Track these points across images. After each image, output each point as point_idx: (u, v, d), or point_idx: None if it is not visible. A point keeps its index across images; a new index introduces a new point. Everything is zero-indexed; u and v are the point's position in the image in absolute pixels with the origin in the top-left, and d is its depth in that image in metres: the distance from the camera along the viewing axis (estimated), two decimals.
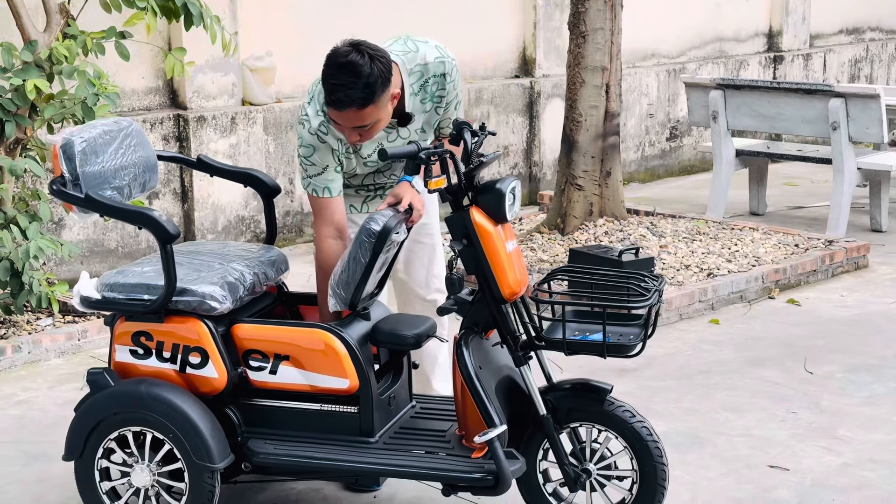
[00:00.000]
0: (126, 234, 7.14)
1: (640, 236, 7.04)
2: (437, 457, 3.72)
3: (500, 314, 3.67)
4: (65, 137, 3.82)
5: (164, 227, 3.67)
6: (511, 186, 3.61)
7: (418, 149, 3.57)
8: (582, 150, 7.09)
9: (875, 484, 4.27)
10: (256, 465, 3.80)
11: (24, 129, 5.77)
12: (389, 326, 3.86)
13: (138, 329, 3.80)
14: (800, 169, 9.83)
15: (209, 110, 7.40)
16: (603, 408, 3.71)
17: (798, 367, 5.46)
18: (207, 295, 3.71)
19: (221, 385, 3.74)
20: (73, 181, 3.80)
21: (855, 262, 7.06)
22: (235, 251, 4.11)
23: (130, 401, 3.76)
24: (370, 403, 3.75)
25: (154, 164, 4.20)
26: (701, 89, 8.32)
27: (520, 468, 3.66)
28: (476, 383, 3.60)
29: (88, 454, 3.81)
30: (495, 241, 3.60)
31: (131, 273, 3.86)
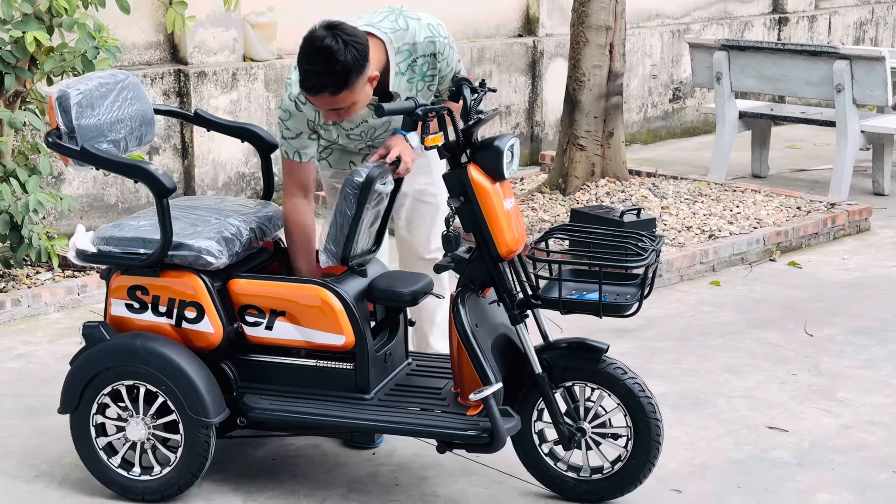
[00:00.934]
0: (126, 189, 7.11)
1: (642, 197, 7.02)
2: (432, 414, 3.72)
3: (497, 272, 3.66)
4: (61, 89, 3.79)
5: (159, 180, 3.65)
6: (509, 144, 3.59)
7: (415, 105, 3.55)
8: (584, 110, 7.05)
9: (873, 446, 4.28)
10: (252, 420, 3.80)
11: (23, 81, 5.73)
12: (386, 283, 3.85)
13: (134, 283, 3.79)
14: (802, 131, 9.79)
15: (210, 66, 7.36)
16: (596, 366, 3.71)
17: (798, 329, 5.45)
18: (203, 249, 3.71)
19: (217, 340, 3.74)
20: (68, 133, 3.78)
21: (857, 225, 7.04)
22: (232, 206, 4.09)
23: (126, 355, 3.75)
24: (366, 360, 3.75)
25: (151, 118, 4.17)
26: (705, 50, 8.27)
27: (515, 426, 3.66)
28: (472, 341, 3.60)
29: (84, 408, 3.82)
30: (493, 198, 3.58)
31: (127, 227, 3.85)
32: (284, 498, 3.88)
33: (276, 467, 4.10)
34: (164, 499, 3.82)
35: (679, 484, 3.98)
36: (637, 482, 3.77)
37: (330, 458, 4.15)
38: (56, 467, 4.10)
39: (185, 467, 3.77)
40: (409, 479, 4.02)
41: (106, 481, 3.87)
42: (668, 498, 3.89)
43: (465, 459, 4.10)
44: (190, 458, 3.75)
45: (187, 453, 3.75)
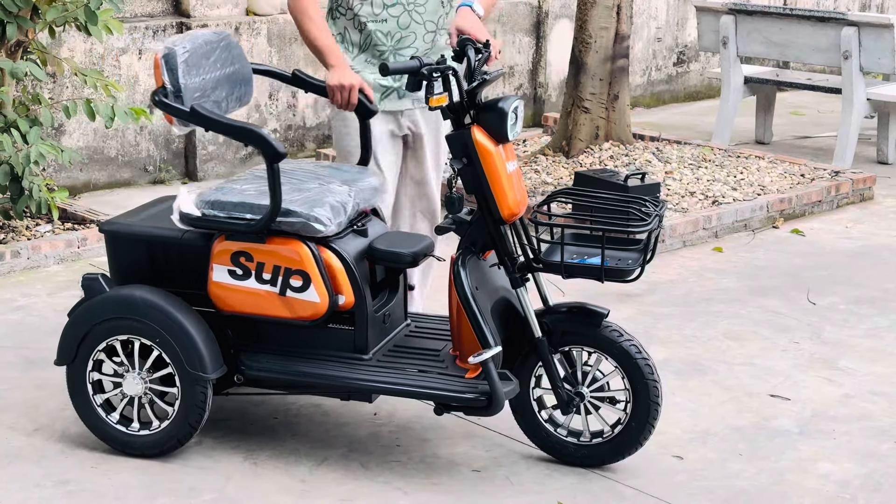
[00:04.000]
0: (126, 143, 7.06)
1: (646, 161, 6.98)
2: (430, 376, 3.71)
3: (499, 235, 3.64)
4: (167, 47, 3.70)
5: (271, 144, 3.56)
6: (514, 106, 3.57)
7: (420, 64, 3.53)
8: (590, 73, 7.00)
9: (875, 415, 4.27)
10: (249, 378, 3.78)
11: (25, 31, 5.67)
12: (387, 244, 3.82)
13: (238, 249, 3.68)
14: (806, 98, 9.73)
15: (213, 19, 7.29)
16: (593, 330, 3.69)
17: (801, 297, 5.44)
18: (312, 217, 3.62)
19: (323, 309, 3.66)
20: (174, 93, 3.69)
21: (860, 193, 7.02)
22: (332, 172, 3.97)
23: (125, 307, 3.72)
24: (365, 320, 3.72)
25: (250, 78, 4.10)
26: (712, 14, 8.20)
27: (513, 389, 3.65)
28: (472, 304, 3.58)
29: (80, 361, 3.79)
30: (496, 160, 3.56)
31: (231, 191, 3.74)
32: (285, 457, 3.88)
33: (277, 426, 4.09)
34: (164, 452, 3.82)
35: (681, 451, 3.97)
36: (637, 445, 3.76)
37: (331, 418, 4.14)
38: (56, 420, 4.09)
39: (182, 421, 3.75)
40: (410, 440, 4.02)
41: (104, 437, 3.86)
42: (669, 464, 3.89)
43: (465, 422, 4.09)
44: (188, 412, 3.74)
45: (185, 407, 3.74)
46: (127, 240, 3.88)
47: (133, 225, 3.90)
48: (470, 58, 3.61)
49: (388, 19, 4.17)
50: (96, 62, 6.82)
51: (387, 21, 4.17)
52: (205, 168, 7.31)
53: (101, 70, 6.73)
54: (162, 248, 3.83)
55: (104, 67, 6.85)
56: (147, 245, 3.85)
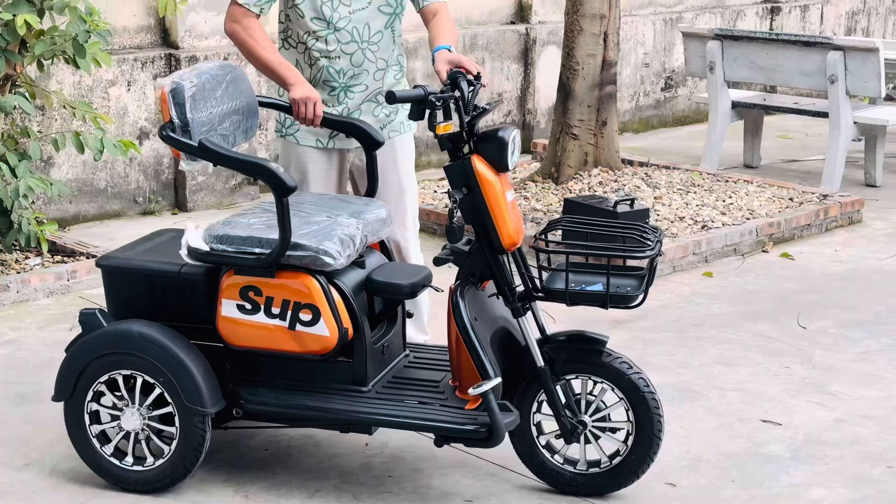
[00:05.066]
0: (115, 175, 7.06)
1: (635, 187, 7.00)
2: (430, 407, 3.69)
3: (497, 265, 3.64)
4: (174, 81, 3.69)
5: (281, 179, 3.54)
6: (513, 135, 3.58)
7: (425, 93, 3.54)
8: (578, 99, 7.02)
9: (867, 440, 4.27)
10: (248, 411, 3.76)
11: (13, 65, 5.67)
12: (385, 275, 3.81)
13: (247, 283, 3.65)
14: (794, 121, 9.77)
15: (201, 50, 7.30)
16: (600, 359, 3.69)
17: (791, 321, 5.44)
18: (322, 251, 3.59)
19: (333, 343, 3.63)
20: (182, 127, 3.67)
21: (849, 216, 7.04)
22: (339, 204, 3.96)
23: (123, 342, 3.71)
24: (364, 352, 3.71)
25: (256, 110, 4.09)
26: (698, 39, 8.24)
27: (513, 421, 3.64)
28: (471, 335, 3.57)
29: (78, 395, 3.77)
30: (496, 190, 3.56)
31: (239, 225, 3.72)
32: (276, 489, 3.86)
33: (268, 458, 4.07)
34: (157, 490, 3.80)
35: (673, 477, 3.97)
36: (635, 476, 3.76)
37: (323, 449, 4.13)
38: (46, 455, 4.07)
39: (179, 459, 3.74)
40: (402, 470, 4.00)
41: (99, 470, 3.84)
42: (662, 491, 3.88)
43: (458, 451, 4.08)
44: (185, 450, 3.72)
45: (182, 444, 3.72)
46: (124, 274, 3.85)
47: (130, 259, 3.88)
48: (463, 89, 3.62)
49: (342, 56, 4.18)
50: (85, 94, 6.83)
51: (340, 58, 4.19)
52: (194, 198, 7.31)
53: (90, 102, 6.74)
54: (160, 282, 3.81)
55: (93, 99, 6.86)
56: (144, 279, 3.83)
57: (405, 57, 4.40)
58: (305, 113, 3.98)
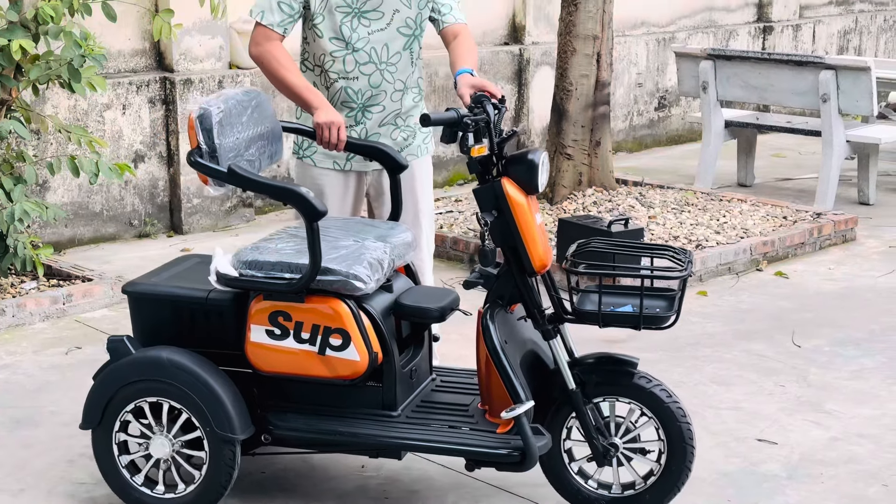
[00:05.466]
0: (111, 198, 7.07)
1: (629, 207, 7.02)
2: (460, 431, 3.67)
3: (527, 287, 3.63)
4: (202, 107, 3.69)
5: (311, 204, 3.53)
6: (542, 158, 3.59)
7: (459, 115, 3.54)
8: (572, 120, 7.05)
9: (862, 458, 4.28)
10: (277, 437, 3.74)
11: (8, 90, 5.70)
12: (413, 299, 3.80)
13: (276, 309, 3.63)
14: (787, 140, 9.81)
15: (196, 73, 7.33)
16: (631, 381, 3.68)
17: (786, 340, 5.45)
18: (352, 275, 3.58)
19: (363, 368, 3.61)
20: (210, 153, 3.67)
21: (843, 234, 7.06)
22: (364, 228, 3.96)
23: (152, 369, 3.67)
24: (394, 377, 3.69)
25: (280, 135, 4.10)
26: (691, 59, 8.28)
27: (546, 444, 3.63)
28: (502, 358, 3.56)
29: (107, 423, 3.73)
30: (526, 212, 3.56)
31: (268, 250, 3.71)
32: None
33: (265, 481, 4.07)
34: None
35: None
36: (673, 492, 3.72)
37: (319, 472, 4.13)
38: (42, 480, 4.07)
39: (210, 484, 3.71)
40: (398, 492, 4.01)
41: (129, 499, 3.79)
42: None
43: (455, 472, 4.08)
44: (215, 476, 3.69)
45: (212, 470, 3.68)
46: (151, 300, 3.83)
47: (157, 285, 3.86)
48: (489, 112, 3.61)
49: (360, 77, 4.21)
50: (80, 118, 6.85)
51: (358, 79, 4.21)
52: (190, 221, 7.32)
53: (85, 126, 6.76)
54: (187, 308, 3.79)
55: (88, 123, 6.88)
56: (172, 305, 3.80)
57: (424, 79, 4.39)
58: (329, 137, 4.00)
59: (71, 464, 4.19)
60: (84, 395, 4.65)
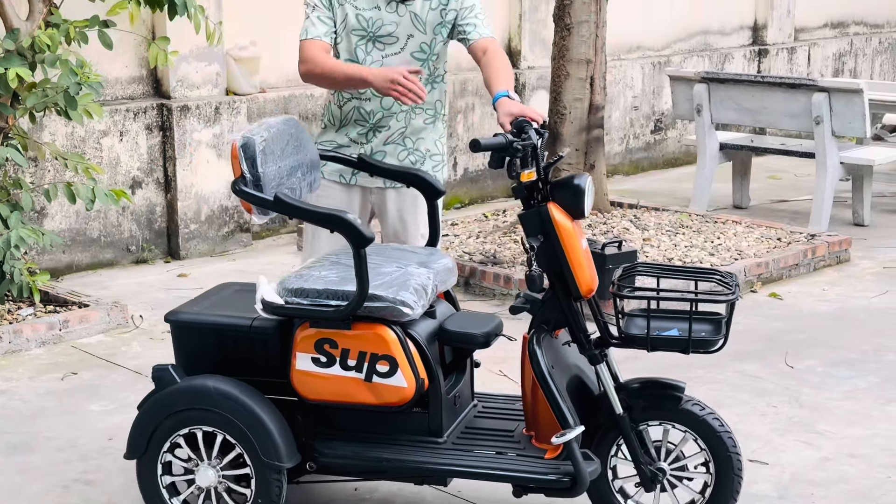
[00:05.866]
0: (108, 224, 7.11)
1: (624, 229, 7.05)
2: (507, 457, 3.67)
3: (572, 312, 3.64)
4: (245, 136, 3.71)
5: (358, 230, 3.53)
6: (588, 182, 3.61)
7: (507, 141, 3.55)
8: (566, 143, 7.09)
9: (853, 478, 4.30)
10: (322, 465, 3.74)
11: (5, 117, 5.75)
12: (458, 325, 3.80)
13: (322, 336, 3.63)
14: (783, 162, 9.85)
15: (193, 100, 7.38)
16: (678, 405, 3.69)
17: (779, 361, 5.48)
18: (399, 301, 3.58)
19: (410, 394, 3.60)
20: (254, 182, 3.69)
21: (837, 256, 7.09)
22: (405, 254, 3.98)
23: (198, 397, 3.67)
24: (439, 403, 3.69)
25: (317, 163, 4.13)
26: (685, 83, 8.33)
27: (596, 469, 3.63)
28: (550, 383, 3.57)
29: (152, 453, 3.73)
30: (573, 237, 3.58)
31: (312, 278, 3.72)
32: None
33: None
34: None
35: None
36: None
37: (314, 496, 4.14)
38: None
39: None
40: None
41: None
42: None
43: (445, 494, 4.10)
44: (263, 502, 3.69)
45: (258, 499, 3.68)
46: (194, 329, 3.83)
47: (199, 314, 3.86)
48: (532, 137, 3.61)
49: (372, 98, 4.28)
50: (78, 145, 6.90)
51: (370, 100, 4.28)
52: (187, 247, 7.36)
53: (83, 153, 6.81)
54: (231, 336, 3.79)
55: (86, 150, 6.93)
56: (215, 334, 3.81)
57: (446, 100, 4.43)
58: (403, 92, 3.97)
59: (66, 489, 4.22)
60: (80, 421, 4.76)
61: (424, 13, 4.24)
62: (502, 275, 6.39)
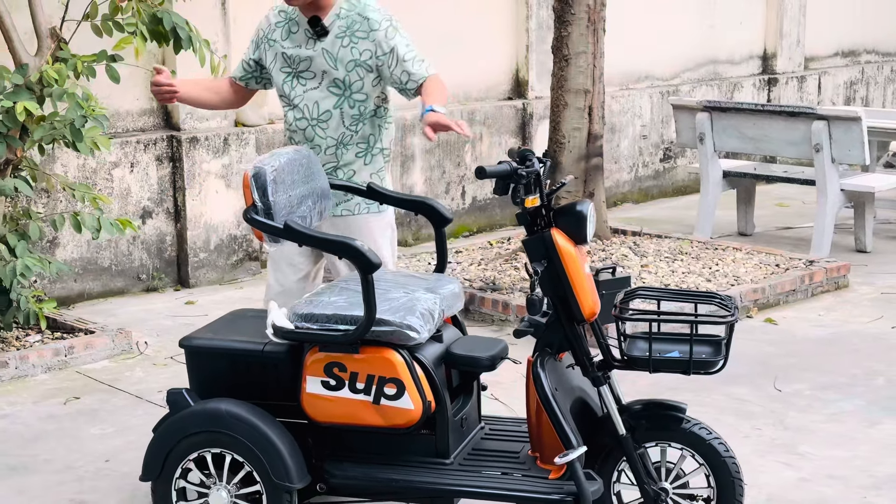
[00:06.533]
0: (119, 253, 7.28)
1: (622, 256, 7.15)
2: (513, 478, 3.76)
3: (575, 335, 3.74)
4: (256, 167, 3.86)
5: (366, 256, 3.65)
6: (590, 209, 3.72)
7: (511, 168, 3.66)
8: (565, 172, 7.21)
9: (830, 499, 4.37)
10: (332, 486, 3.84)
11: (14, 150, 5.91)
12: (464, 348, 3.91)
13: (331, 360, 3.74)
14: (791, 190, 9.92)
15: (202, 131, 7.55)
16: (680, 426, 3.78)
17: (768, 384, 5.55)
18: (405, 325, 3.69)
19: (417, 416, 3.70)
20: (265, 210, 3.83)
21: (835, 281, 7.15)
22: (412, 280, 4.10)
23: (212, 420, 3.78)
24: (446, 425, 3.79)
25: (328, 192, 4.27)
26: (688, 111, 8.44)
27: (598, 489, 3.70)
28: (553, 405, 3.65)
29: (166, 474, 3.84)
30: (577, 262, 3.68)
31: (322, 303, 3.83)
32: None
33: None
34: None
35: None
36: None
37: None
38: None
39: None
40: None
41: None
42: None
43: None
44: None
45: None
46: (207, 354, 3.94)
47: (213, 339, 3.97)
48: (535, 165, 3.72)
49: (298, 131, 4.51)
50: (89, 176, 7.07)
51: (297, 133, 4.52)
52: (196, 275, 7.51)
53: (94, 184, 6.98)
54: (243, 360, 3.89)
55: (97, 181, 7.10)
56: (228, 358, 3.92)
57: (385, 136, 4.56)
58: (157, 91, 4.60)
59: None
60: (79, 444, 4.89)
61: (335, 49, 4.41)
62: (500, 301, 6.50)
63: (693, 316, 3.75)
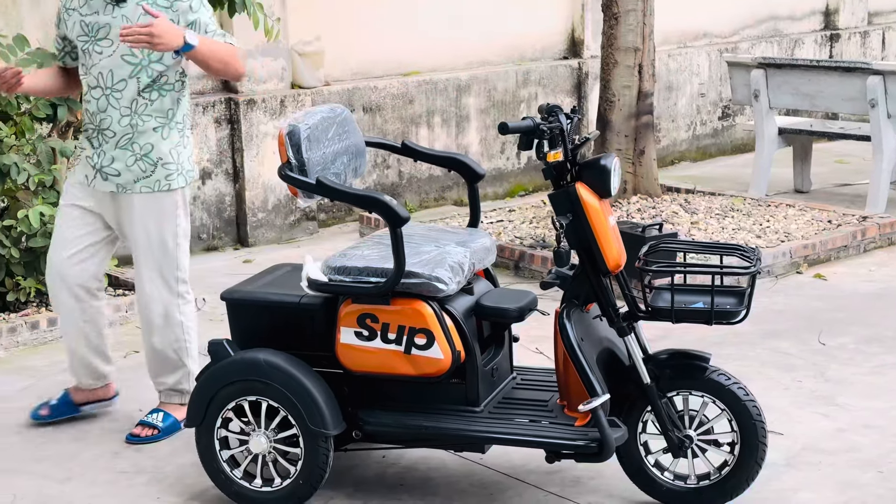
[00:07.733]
0: None
1: (672, 213, 7.19)
2: (540, 425, 3.88)
3: (601, 287, 3.83)
4: (290, 124, 3.99)
5: (394, 211, 3.75)
6: (614, 163, 3.79)
7: (534, 124, 3.74)
8: (615, 129, 7.26)
9: (863, 447, 4.41)
10: (367, 433, 3.98)
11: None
12: (493, 300, 4.02)
13: (364, 311, 3.86)
14: (852, 147, 9.84)
15: (259, 94, 7.70)
16: (704, 374, 3.86)
17: (813, 338, 5.59)
18: (434, 277, 3.80)
19: (447, 365, 3.82)
20: (299, 167, 3.96)
21: (889, 238, 7.13)
22: (445, 234, 4.22)
23: (250, 369, 3.93)
24: (476, 374, 3.91)
25: (363, 150, 4.38)
26: (743, 68, 8.41)
27: (622, 436, 3.81)
28: (579, 354, 3.75)
29: (209, 421, 4.00)
30: (601, 215, 3.77)
31: (355, 257, 3.95)
32: None
33: None
34: None
35: None
36: (746, 484, 3.88)
37: (341, 461, 4.37)
38: (88, 470, 4.42)
39: (304, 479, 3.95)
40: (413, 479, 4.26)
41: (230, 493, 4.04)
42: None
43: (468, 462, 4.32)
44: (309, 470, 3.93)
45: (307, 465, 3.93)
46: (247, 306, 4.09)
47: (253, 292, 4.12)
48: (562, 121, 3.79)
49: (91, 101, 4.49)
50: None
51: (91, 101, 4.49)
52: (255, 234, 7.69)
53: None
54: (281, 312, 4.03)
55: None
56: (267, 310, 4.06)
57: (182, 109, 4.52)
58: None
59: (116, 455, 4.54)
60: (135, 393, 5.07)
61: (136, 17, 4.33)
62: (550, 258, 6.58)
63: (716, 267, 3.81)
